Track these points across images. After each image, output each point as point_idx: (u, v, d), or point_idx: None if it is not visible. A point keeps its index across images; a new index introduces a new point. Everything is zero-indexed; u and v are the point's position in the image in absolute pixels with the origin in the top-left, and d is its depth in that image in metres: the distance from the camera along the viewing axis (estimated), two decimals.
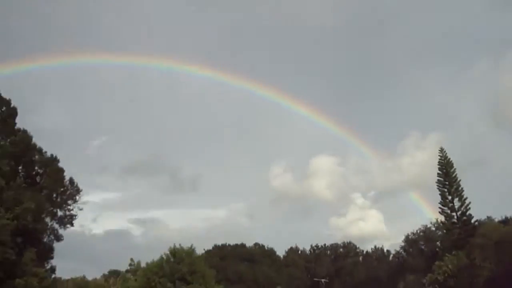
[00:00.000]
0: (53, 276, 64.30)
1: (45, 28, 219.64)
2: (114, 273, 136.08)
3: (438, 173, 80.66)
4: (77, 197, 66.68)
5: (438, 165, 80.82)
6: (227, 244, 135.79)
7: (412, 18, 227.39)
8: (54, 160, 65.77)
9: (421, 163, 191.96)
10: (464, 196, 79.38)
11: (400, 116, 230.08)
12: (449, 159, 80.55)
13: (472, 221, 79.11)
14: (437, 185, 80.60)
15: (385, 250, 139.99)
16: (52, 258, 65.11)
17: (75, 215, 66.51)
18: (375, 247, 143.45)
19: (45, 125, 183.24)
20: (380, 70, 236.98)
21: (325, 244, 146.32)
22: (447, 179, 79.82)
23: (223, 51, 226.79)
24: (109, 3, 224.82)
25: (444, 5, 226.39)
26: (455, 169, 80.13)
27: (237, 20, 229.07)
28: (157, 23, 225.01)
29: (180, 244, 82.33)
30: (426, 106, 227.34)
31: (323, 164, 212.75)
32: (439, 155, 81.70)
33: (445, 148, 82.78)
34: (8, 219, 45.15)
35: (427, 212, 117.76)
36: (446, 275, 70.00)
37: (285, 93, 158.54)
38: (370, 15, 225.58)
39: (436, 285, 72.25)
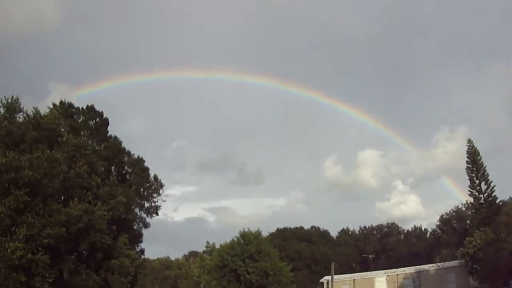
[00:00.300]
0: (142, 257, 65.15)
1: (127, 51, 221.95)
2: (193, 254, 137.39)
3: (466, 161, 78.98)
4: (161, 191, 67.33)
5: (467, 154, 79.08)
6: (288, 227, 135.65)
7: (446, 22, 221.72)
8: (140, 160, 66.50)
9: (452, 152, 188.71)
10: (490, 180, 77.73)
11: (433, 112, 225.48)
12: (476, 148, 78.80)
13: (497, 201, 77.42)
14: (466, 171, 78.98)
15: (423, 229, 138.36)
16: (141, 242, 65.98)
17: (159, 206, 67.17)
18: (414, 226, 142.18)
19: (131, 132, 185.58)
20: (416, 72, 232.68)
21: (371, 225, 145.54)
22: (475, 166, 78.13)
23: (276, 61, 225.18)
24: (178, 28, 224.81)
25: (469, 11, 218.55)
26: (481, 157, 78.38)
27: (287, 31, 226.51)
28: (221, 41, 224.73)
29: (248, 228, 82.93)
30: (455, 103, 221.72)
31: (368, 157, 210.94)
32: (467, 145, 79.98)
33: (472, 139, 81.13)
34: (104, 210, 45.64)
35: (458, 195, 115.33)
36: (475, 249, 68.71)
37: (333, 96, 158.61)
38: (408, 22, 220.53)
39: (467, 258, 70.87)
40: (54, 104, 57.75)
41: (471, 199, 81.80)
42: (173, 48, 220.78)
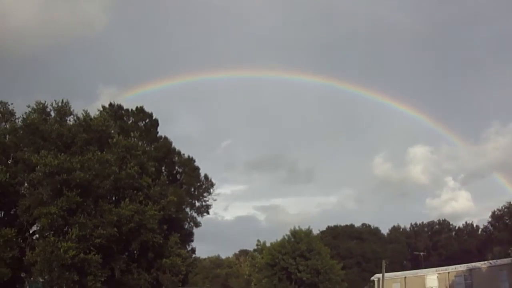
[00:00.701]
0: (193, 256, 65.24)
1: (175, 51, 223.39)
2: (244, 252, 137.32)
3: None
4: (211, 190, 67.35)
5: None
6: (338, 225, 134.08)
7: (492, 15, 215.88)
8: (191, 160, 66.58)
9: (503, 147, 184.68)
10: None
11: (482, 107, 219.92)
12: None
13: None
14: None
15: (474, 225, 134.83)
16: (192, 241, 66.11)
17: (210, 205, 67.18)
18: (465, 223, 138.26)
19: (181, 133, 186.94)
20: (467, 65, 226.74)
21: (422, 222, 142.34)
22: None
23: (324, 58, 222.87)
24: (227, 28, 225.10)
25: None
26: None
27: (336, 28, 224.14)
28: (270, 40, 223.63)
29: (299, 226, 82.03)
30: (504, 98, 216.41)
31: (419, 153, 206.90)
32: None
33: None
34: (155, 210, 45.57)
35: (510, 190, 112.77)
36: None
37: (382, 91, 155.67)
38: (462, 12, 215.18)
39: None
40: (103, 106, 58.33)
41: None
42: (222, 48, 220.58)
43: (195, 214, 65.69)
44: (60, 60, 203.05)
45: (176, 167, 65.62)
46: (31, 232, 45.29)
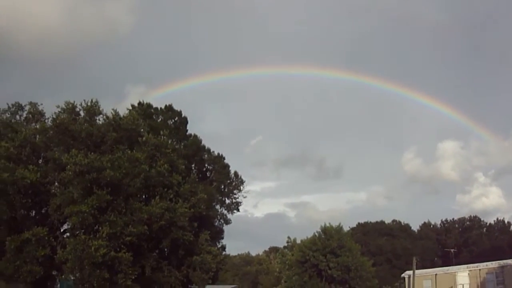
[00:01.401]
0: (224, 253, 64.36)
1: (202, 50, 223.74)
2: (274, 249, 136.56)
3: None
4: (241, 187, 66.50)
5: None
6: (368, 222, 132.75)
7: None
8: (220, 157, 65.96)
9: None
10: None
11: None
12: None
13: None
14: None
15: (505, 222, 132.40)
16: (222, 238, 65.48)
17: (240, 202, 66.39)
18: (497, 219, 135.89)
19: (210, 130, 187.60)
20: (494, 61, 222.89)
21: (453, 218, 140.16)
22: None
23: (351, 54, 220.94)
24: (253, 25, 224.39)
25: None
26: None
27: (361, 24, 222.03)
28: (297, 36, 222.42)
29: (329, 223, 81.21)
30: None
31: (449, 148, 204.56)
32: None
33: None
34: (186, 208, 45.13)
35: None
36: None
37: (411, 86, 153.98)
38: (482, 8, 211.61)
39: None
40: (132, 105, 58.01)
41: None
42: (248, 46, 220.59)
43: (225, 212, 65.02)
44: (89, 61, 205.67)
45: (206, 165, 65.06)
46: (62, 230, 45.51)
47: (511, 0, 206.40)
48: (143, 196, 47.10)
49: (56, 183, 43.25)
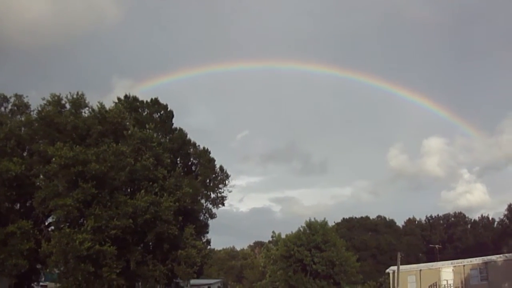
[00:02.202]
0: (208, 247, 64.79)
1: (190, 43, 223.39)
2: (259, 244, 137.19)
3: None
4: (227, 182, 66.74)
5: None
6: (353, 217, 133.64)
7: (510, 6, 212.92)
8: (206, 152, 66.08)
9: None
10: None
11: (498, 99, 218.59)
12: None
13: None
14: None
15: (490, 218, 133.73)
16: (207, 232, 65.74)
17: (225, 197, 66.63)
18: (481, 215, 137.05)
19: (196, 125, 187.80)
20: (479, 58, 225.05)
21: (438, 215, 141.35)
22: None
23: (339, 50, 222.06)
24: (240, 19, 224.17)
25: None
26: None
27: (349, 19, 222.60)
28: (284, 31, 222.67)
29: (314, 218, 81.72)
30: None
31: (434, 145, 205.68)
32: None
33: None
34: (171, 201, 45.27)
35: None
36: None
37: (397, 83, 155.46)
38: (468, 6, 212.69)
39: None
40: (118, 98, 57.99)
41: None
42: (237, 39, 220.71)
43: (210, 206, 65.27)
44: (75, 53, 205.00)
45: (192, 159, 65.22)
46: (46, 223, 45.52)
47: None
48: (128, 190, 47.16)
49: (41, 176, 43.06)
